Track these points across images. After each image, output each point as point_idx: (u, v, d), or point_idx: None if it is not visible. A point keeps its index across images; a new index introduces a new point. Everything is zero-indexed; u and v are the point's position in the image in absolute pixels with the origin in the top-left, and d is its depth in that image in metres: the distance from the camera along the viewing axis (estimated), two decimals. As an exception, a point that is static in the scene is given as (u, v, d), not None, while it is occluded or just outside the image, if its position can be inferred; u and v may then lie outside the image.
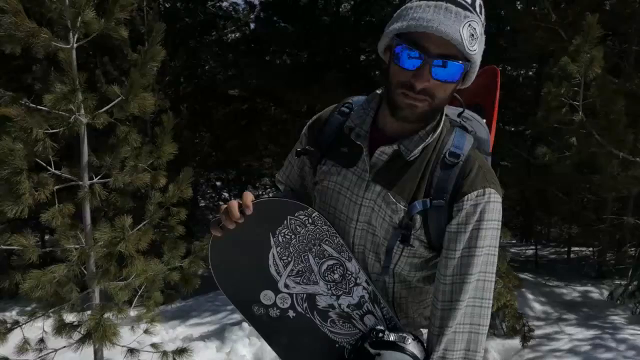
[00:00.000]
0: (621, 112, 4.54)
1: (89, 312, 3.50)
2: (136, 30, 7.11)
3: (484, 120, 1.42)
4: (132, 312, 4.07)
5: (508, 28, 9.10)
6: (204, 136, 11.59)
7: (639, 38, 6.34)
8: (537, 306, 5.98)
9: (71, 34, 3.40)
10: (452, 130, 1.28)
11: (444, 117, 1.28)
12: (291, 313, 1.32)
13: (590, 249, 8.81)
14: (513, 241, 10.61)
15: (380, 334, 1.22)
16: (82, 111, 3.44)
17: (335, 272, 1.29)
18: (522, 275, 6.52)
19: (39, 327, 3.84)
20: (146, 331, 4.09)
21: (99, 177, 3.68)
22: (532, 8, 5.97)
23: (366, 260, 1.30)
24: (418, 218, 1.22)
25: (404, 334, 1.21)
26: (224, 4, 12.88)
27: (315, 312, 1.31)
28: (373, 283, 1.30)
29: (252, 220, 1.24)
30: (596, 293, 6.36)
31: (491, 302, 1.24)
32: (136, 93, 3.39)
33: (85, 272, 3.65)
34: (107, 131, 3.78)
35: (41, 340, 3.69)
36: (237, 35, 12.99)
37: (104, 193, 3.71)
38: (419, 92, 1.14)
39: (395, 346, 1.19)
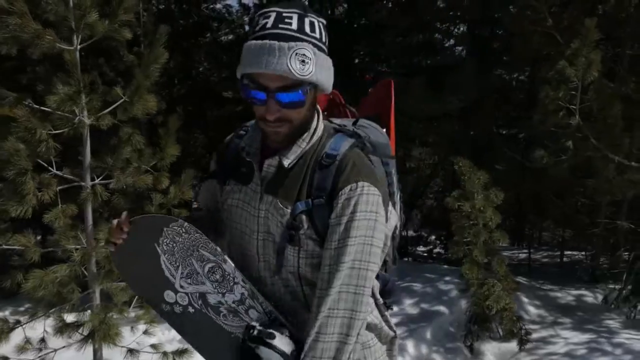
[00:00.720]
0: (618, 116, 4.61)
1: (89, 312, 3.49)
2: (132, 32, 7.09)
3: (384, 129, 1.59)
4: (131, 313, 4.07)
5: (500, 32, 9.21)
6: (197, 137, 11.59)
7: (632, 42, 6.43)
8: (532, 310, 6.03)
9: (75, 36, 3.40)
10: (332, 136, 1.42)
11: (320, 124, 1.42)
12: (190, 309, 1.49)
13: (584, 253, 8.89)
14: (504, 245, 10.70)
15: (252, 330, 1.34)
16: (85, 112, 3.44)
17: (216, 273, 1.45)
18: (516, 279, 6.59)
19: (37, 328, 3.84)
20: (145, 332, 4.09)
21: (100, 177, 3.68)
22: (528, 12, 6.03)
23: (270, 267, 1.41)
24: (304, 218, 1.34)
25: (273, 330, 1.32)
26: (218, 6, 12.92)
27: (209, 308, 1.48)
28: (284, 287, 1.42)
29: (137, 234, 1.46)
30: (590, 297, 6.42)
31: (368, 290, 1.32)
32: (141, 95, 3.40)
33: (85, 272, 3.65)
34: (107, 132, 3.79)
35: (42, 340, 3.68)
36: (231, 37, 13.01)
37: (106, 194, 3.71)
38: (274, 120, 1.30)
39: (263, 341, 1.31)
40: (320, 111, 1.45)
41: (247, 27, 12.30)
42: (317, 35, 1.31)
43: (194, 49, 11.76)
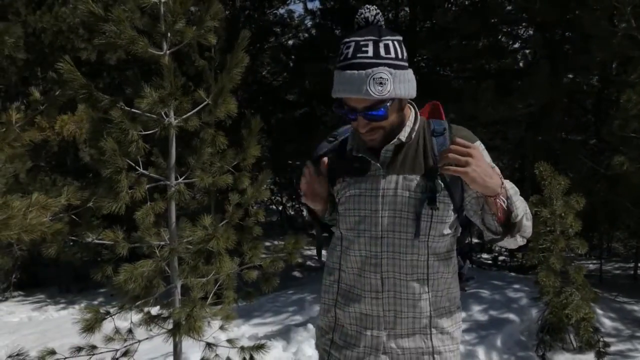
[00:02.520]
0: None
1: (173, 306, 3.64)
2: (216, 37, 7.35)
3: None
4: (208, 309, 4.21)
5: (570, 34, 8.90)
6: (262, 140, 11.87)
7: None
8: (608, 322, 5.80)
9: (165, 41, 3.57)
10: (427, 122, 1.67)
11: (418, 117, 1.65)
12: None
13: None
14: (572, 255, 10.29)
15: None
16: (172, 114, 3.61)
17: None
18: (590, 289, 6.34)
19: (123, 319, 4.03)
20: (222, 327, 4.22)
21: (183, 177, 3.84)
22: (608, 14, 5.81)
23: (396, 242, 1.57)
24: (440, 182, 1.55)
25: None
26: (281, 11, 13.15)
27: None
28: (409, 263, 1.58)
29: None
30: (669, 311, 6.11)
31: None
32: (224, 97, 3.53)
33: (167, 268, 3.81)
34: (187, 133, 3.94)
35: (129, 331, 3.87)
36: (295, 42, 13.22)
37: (188, 193, 3.87)
38: (366, 132, 1.55)
39: None
40: (416, 107, 1.67)
41: (312, 32, 12.47)
42: (392, 55, 1.50)
43: (259, 53, 12.04)
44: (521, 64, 11.01)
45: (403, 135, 1.59)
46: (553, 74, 8.05)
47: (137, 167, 3.69)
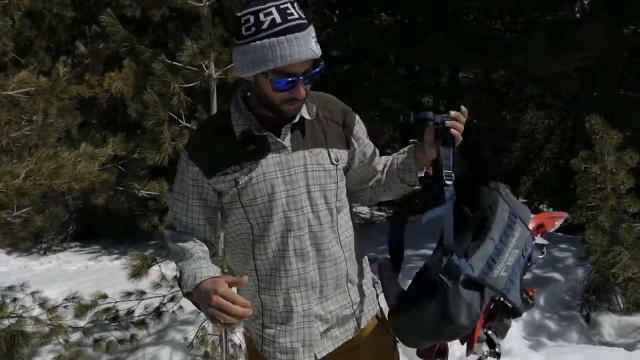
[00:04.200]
0: None
1: (216, 254, 3.75)
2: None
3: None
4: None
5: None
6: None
7: None
8: (658, 283, 5.61)
9: (204, -7, 3.56)
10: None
11: None
12: None
13: None
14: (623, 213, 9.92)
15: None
16: (213, 66, 3.62)
17: None
18: None
19: (170, 268, 4.20)
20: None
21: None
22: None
23: (311, 216, 1.59)
24: (339, 151, 1.67)
25: None
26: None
27: None
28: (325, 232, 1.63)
29: None
30: None
31: None
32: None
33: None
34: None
35: (175, 278, 4.03)
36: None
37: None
38: (302, 98, 1.52)
39: None
40: None
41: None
42: (303, 15, 1.47)
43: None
44: (578, 15, 10.41)
45: (306, 113, 1.62)
46: (612, 25, 7.58)
47: (179, 120, 3.75)
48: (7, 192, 3.01)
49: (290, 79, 1.46)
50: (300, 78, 1.47)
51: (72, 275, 7.31)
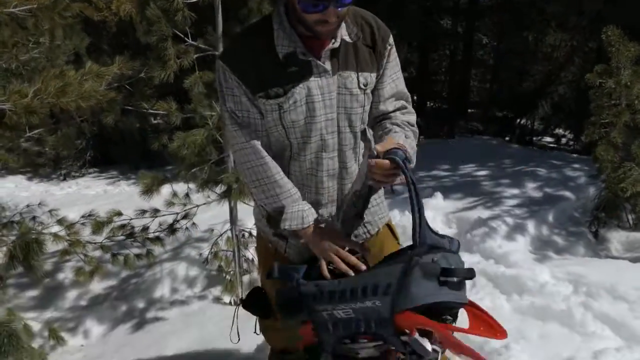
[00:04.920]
0: None
1: (226, 172, 3.80)
2: None
3: None
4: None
5: None
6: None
7: None
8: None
9: None
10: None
11: None
12: None
13: None
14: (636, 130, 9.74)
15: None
16: (217, -20, 3.52)
17: None
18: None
19: (182, 186, 4.30)
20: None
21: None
22: None
23: (343, 137, 1.64)
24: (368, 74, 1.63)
25: None
26: None
27: None
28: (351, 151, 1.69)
29: None
30: None
31: None
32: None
33: (219, 138, 3.94)
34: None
35: (187, 195, 4.14)
36: None
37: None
38: (335, 22, 1.47)
39: None
40: None
41: None
42: None
43: None
44: None
45: (346, 35, 1.58)
46: None
47: (185, 38, 3.70)
48: (17, 111, 3.05)
49: (318, 4, 1.43)
50: (329, 3, 1.42)
51: (91, 199, 7.50)
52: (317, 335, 1.59)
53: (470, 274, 1.46)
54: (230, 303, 4.03)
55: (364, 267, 1.57)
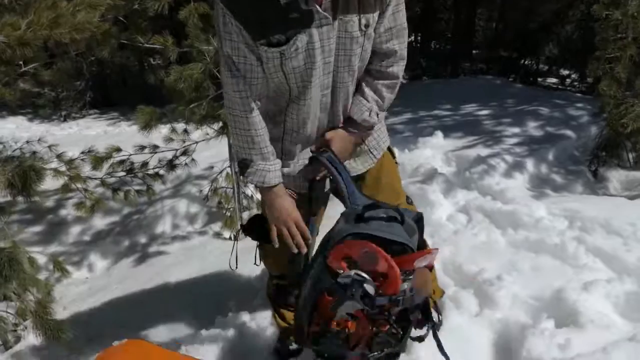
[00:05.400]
0: None
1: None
2: None
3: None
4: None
5: None
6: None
7: None
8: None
9: None
10: None
11: None
12: None
13: None
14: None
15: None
16: None
17: None
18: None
19: (180, 123, 4.29)
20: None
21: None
22: None
23: (343, 76, 1.67)
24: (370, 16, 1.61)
25: None
26: None
27: None
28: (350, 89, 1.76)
29: None
30: None
31: None
32: None
33: (217, 73, 3.88)
34: None
35: (185, 131, 4.13)
36: None
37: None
38: None
39: None
40: None
41: None
42: None
43: None
44: None
45: None
46: None
47: (180, -32, 3.59)
48: (10, 43, 3.00)
49: None
50: None
51: (92, 139, 7.47)
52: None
53: (397, 213, 1.65)
54: (230, 238, 4.10)
55: (305, 249, 1.73)
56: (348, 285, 1.57)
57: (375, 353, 1.65)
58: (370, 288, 1.57)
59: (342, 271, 1.58)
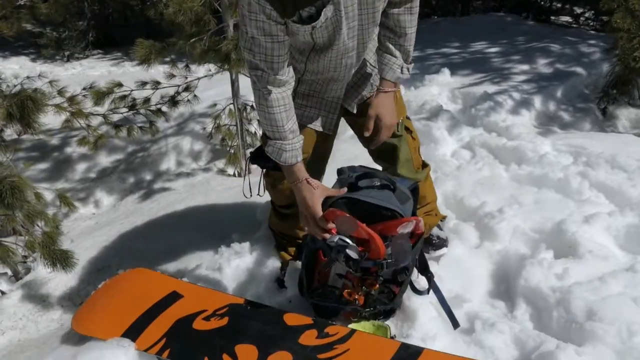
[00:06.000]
0: None
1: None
2: None
3: None
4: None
5: None
6: None
7: None
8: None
9: None
10: None
11: None
12: None
13: None
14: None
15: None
16: None
17: None
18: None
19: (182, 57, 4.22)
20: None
21: None
22: None
23: (367, 30, 1.71)
24: None
25: None
26: None
27: None
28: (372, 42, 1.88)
29: None
30: None
31: None
32: None
33: (219, 7, 3.78)
34: None
35: (186, 66, 4.07)
36: None
37: None
38: None
39: None
40: None
41: None
42: None
43: None
44: None
45: None
46: None
47: None
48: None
49: None
50: None
51: (96, 80, 7.43)
52: None
53: (389, 182, 1.84)
54: (233, 175, 4.11)
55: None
56: (333, 248, 1.76)
57: (369, 309, 1.85)
58: (353, 253, 1.76)
59: (330, 235, 1.75)
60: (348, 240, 1.76)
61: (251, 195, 2.20)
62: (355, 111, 2.03)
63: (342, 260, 1.77)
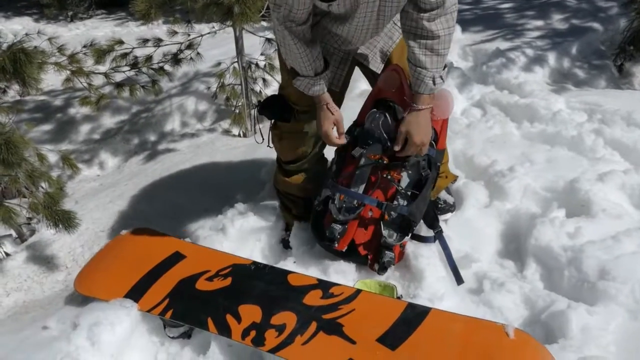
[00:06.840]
0: None
1: None
2: None
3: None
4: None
5: None
6: None
7: None
8: None
9: None
10: None
11: None
12: None
13: None
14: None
15: None
16: None
17: None
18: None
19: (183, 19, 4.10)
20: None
21: None
22: None
23: (389, 17, 1.74)
24: None
25: None
26: None
27: None
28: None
29: None
30: None
31: None
32: None
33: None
34: None
35: (188, 22, 3.95)
36: None
37: None
38: None
39: None
40: None
41: None
42: None
43: None
44: None
45: None
46: None
47: None
48: None
49: None
50: None
51: (100, 40, 7.32)
52: None
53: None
54: (238, 135, 4.05)
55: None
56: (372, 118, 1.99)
57: (385, 213, 1.98)
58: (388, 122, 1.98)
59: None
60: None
61: (263, 141, 2.18)
62: (373, 67, 2.04)
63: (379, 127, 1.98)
